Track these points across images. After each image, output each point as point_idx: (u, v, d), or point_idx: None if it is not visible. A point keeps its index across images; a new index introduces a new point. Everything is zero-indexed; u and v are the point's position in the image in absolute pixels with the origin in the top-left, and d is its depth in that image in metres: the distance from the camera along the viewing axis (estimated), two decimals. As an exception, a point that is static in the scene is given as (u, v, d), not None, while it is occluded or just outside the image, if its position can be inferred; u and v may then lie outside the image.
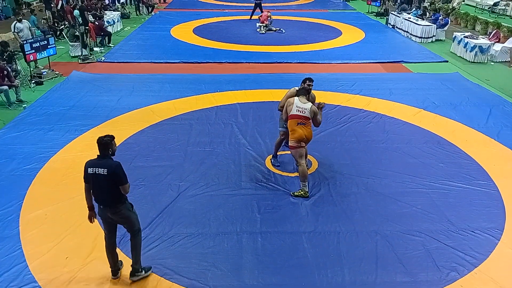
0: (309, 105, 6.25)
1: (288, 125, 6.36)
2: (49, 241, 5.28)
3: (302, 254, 5.17)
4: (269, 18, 18.24)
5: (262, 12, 19.25)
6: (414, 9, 20.03)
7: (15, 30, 12.51)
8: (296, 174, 6.84)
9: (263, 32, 17.74)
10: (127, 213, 4.56)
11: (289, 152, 7.42)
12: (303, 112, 6.19)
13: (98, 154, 4.42)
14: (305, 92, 6.45)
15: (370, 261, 5.05)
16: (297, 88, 6.70)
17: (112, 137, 4.46)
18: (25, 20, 13.03)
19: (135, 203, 5.98)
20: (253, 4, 20.33)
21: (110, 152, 4.44)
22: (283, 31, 18.08)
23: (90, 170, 4.40)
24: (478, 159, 7.39)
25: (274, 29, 18.10)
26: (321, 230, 5.58)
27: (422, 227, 5.63)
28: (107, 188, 4.39)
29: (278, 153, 7.31)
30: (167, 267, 4.90)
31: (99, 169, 4.35)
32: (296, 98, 6.33)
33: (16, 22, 12.61)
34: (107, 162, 4.38)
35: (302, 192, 6.26)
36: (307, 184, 6.29)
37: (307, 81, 6.60)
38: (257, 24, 18.31)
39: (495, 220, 5.80)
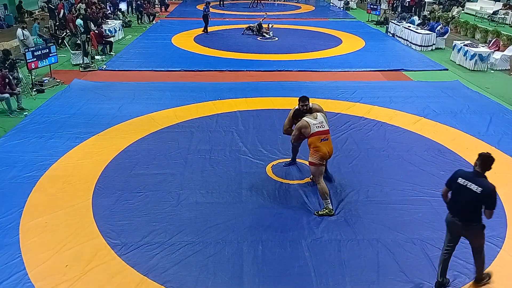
0: (321, 116, 6.12)
1: (310, 142, 6.04)
2: (49, 249, 5.27)
3: (303, 262, 5.14)
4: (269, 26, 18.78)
5: (207, 25, 19.50)
6: (411, 17, 20.10)
7: (23, 38, 12.60)
8: (298, 181, 6.85)
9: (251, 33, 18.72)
10: (479, 232, 4.50)
11: (288, 159, 7.46)
12: (322, 126, 6.04)
13: (476, 168, 4.37)
14: (306, 112, 6.27)
15: (371, 270, 5.03)
16: (296, 107, 6.55)
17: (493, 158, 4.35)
18: (27, 29, 13.14)
19: (136, 211, 6.05)
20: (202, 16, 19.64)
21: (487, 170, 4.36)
22: (271, 34, 18.61)
23: (460, 181, 4.40)
24: (479, 167, 7.37)
25: (267, 36, 18.57)
26: (322, 238, 5.55)
27: (424, 235, 5.61)
28: (470, 205, 4.35)
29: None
30: (168, 275, 4.88)
31: (473, 185, 4.30)
32: (305, 119, 6.10)
33: (22, 30, 12.72)
34: (484, 182, 4.30)
35: (326, 211, 6.00)
36: (329, 202, 6.07)
37: (300, 102, 6.39)
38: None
39: (497, 228, 5.78)
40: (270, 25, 19.15)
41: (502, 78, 13.22)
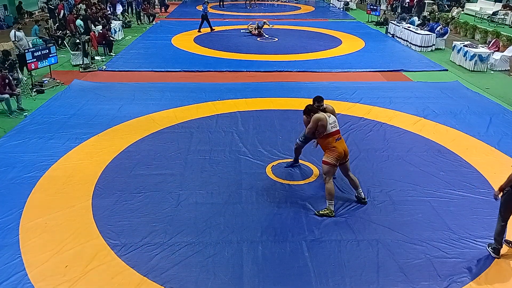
0: (334, 117, 6.12)
1: (327, 142, 6.01)
2: (49, 250, 5.26)
3: (303, 262, 5.14)
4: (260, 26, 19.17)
5: (209, 24, 19.72)
6: (410, 18, 20.13)
7: (15, 39, 12.57)
8: (298, 182, 6.85)
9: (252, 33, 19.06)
10: None
11: (288, 160, 7.46)
12: (335, 126, 6.03)
13: None
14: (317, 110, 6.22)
15: (371, 270, 5.03)
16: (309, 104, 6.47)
17: None
18: (22, 30, 13.11)
19: (136, 212, 6.05)
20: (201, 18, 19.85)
21: None
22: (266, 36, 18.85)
23: None
24: (478, 167, 7.38)
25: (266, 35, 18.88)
26: (322, 238, 5.55)
27: (423, 236, 5.61)
28: None
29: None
30: (168, 276, 4.88)
31: None
32: (321, 115, 6.02)
33: (15, 31, 12.70)
34: None
35: (328, 211, 5.98)
36: (333, 203, 6.05)
37: (316, 102, 6.34)
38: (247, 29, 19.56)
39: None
40: (255, 25, 19.41)
41: (501, 79, 13.22)
